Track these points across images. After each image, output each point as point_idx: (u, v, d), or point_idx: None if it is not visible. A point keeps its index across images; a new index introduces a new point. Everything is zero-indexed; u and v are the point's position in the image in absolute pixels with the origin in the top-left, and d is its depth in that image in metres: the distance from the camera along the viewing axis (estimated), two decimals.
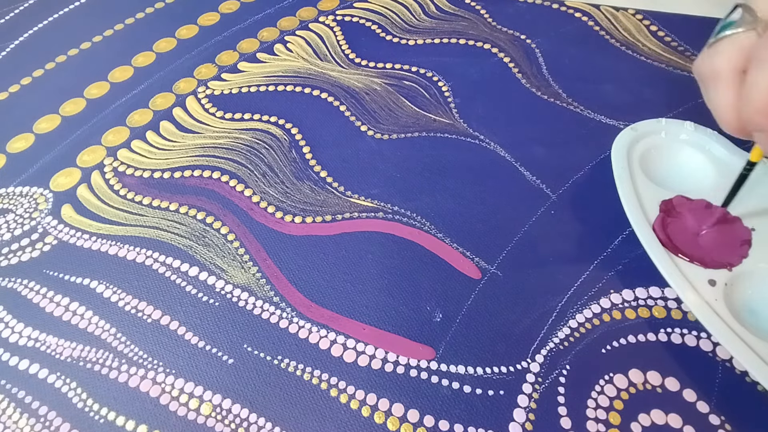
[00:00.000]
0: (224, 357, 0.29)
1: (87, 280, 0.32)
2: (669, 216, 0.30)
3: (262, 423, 0.26)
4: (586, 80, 0.40)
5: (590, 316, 0.29)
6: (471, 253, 0.32)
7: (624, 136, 0.34)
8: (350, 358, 0.28)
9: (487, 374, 0.27)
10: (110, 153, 0.39)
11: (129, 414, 0.27)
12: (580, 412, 0.26)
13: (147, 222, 0.34)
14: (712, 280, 0.28)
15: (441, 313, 0.29)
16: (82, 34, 0.48)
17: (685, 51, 0.42)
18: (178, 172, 0.37)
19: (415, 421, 0.26)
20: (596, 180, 0.34)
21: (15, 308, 0.31)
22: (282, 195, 0.35)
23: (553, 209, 0.33)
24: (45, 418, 0.27)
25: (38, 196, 0.37)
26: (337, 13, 0.48)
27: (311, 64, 0.43)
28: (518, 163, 0.36)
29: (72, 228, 0.35)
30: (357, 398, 0.27)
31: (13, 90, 0.44)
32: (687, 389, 0.26)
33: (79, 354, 0.29)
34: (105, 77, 0.44)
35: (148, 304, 0.31)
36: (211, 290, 0.31)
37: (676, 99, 0.38)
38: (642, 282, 0.30)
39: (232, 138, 0.39)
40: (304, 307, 0.30)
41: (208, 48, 0.46)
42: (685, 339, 0.28)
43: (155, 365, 0.29)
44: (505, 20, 0.46)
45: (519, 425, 0.26)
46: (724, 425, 0.25)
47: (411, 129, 0.38)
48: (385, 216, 0.34)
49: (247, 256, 0.32)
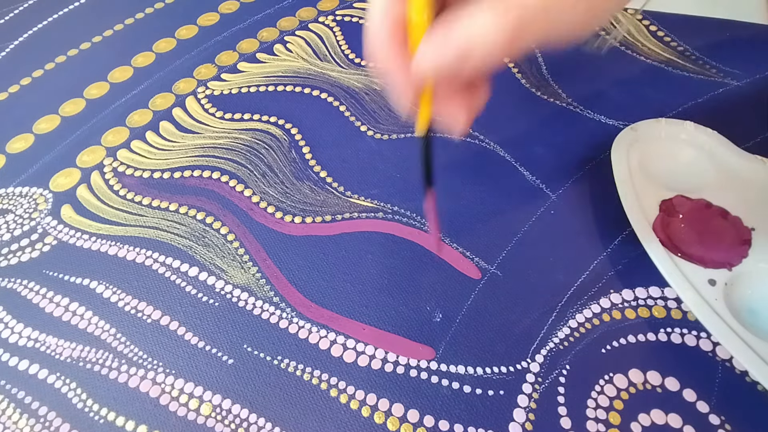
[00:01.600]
0: (224, 357, 0.29)
1: (87, 280, 0.32)
2: (669, 216, 0.30)
3: (262, 423, 0.26)
4: (586, 80, 0.40)
5: (590, 316, 0.29)
6: (471, 253, 0.32)
7: (624, 136, 0.34)
8: (350, 358, 0.28)
9: (487, 374, 0.27)
10: (110, 153, 0.39)
11: (129, 414, 0.27)
12: (580, 412, 0.26)
13: (147, 222, 0.34)
14: (712, 279, 0.28)
15: (441, 313, 0.29)
16: (82, 35, 0.48)
17: (685, 51, 0.42)
18: (178, 172, 0.37)
19: (415, 421, 0.26)
20: (596, 180, 0.34)
21: (15, 309, 0.31)
22: (282, 195, 0.35)
23: (553, 209, 0.33)
24: (45, 419, 0.27)
25: (38, 197, 0.36)
26: (336, 13, 0.48)
27: (311, 65, 0.43)
28: (518, 163, 0.36)
29: (72, 228, 0.35)
30: (357, 398, 0.27)
31: (13, 90, 0.44)
32: (687, 389, 0.26)
33: (79, 354, 0.29)
34: (105, 77, 0.44)
35: (148, 305, 0.31)
36: (211, 290, 0.31)
37: (676, 99, 0.38)
38: (642, 282, 0.30)
39: (231, 138, 0.39)
40: (304, 307, 0.30)
41: (207, 48, 0.46)
42: (685, 339, 0.28)
43: (155, 365, 0.29)
44: None
45: (519, 425, 0.25)
46: (724, 425, 0.25)
47: (411, 129, 0.38)
48: (385, 216, 0.33)
49: (247, 257, 0.32)
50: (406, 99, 0.21)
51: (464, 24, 0.18)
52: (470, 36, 0.18)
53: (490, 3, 0.18)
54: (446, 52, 0.18)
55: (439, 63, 0.19)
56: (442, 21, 0.19)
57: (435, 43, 0.19)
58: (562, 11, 0.18)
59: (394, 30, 0.20)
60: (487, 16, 0.17)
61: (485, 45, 0.18)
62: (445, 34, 0.18)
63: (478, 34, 0.18)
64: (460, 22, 0.18)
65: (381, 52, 0.20)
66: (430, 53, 0.19)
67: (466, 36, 0.18)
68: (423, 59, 0.19)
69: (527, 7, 0.17)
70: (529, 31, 0.18)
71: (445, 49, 0.18)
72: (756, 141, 0.35)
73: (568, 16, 0.18)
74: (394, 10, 0.19)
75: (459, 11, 0.18)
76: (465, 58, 0.18)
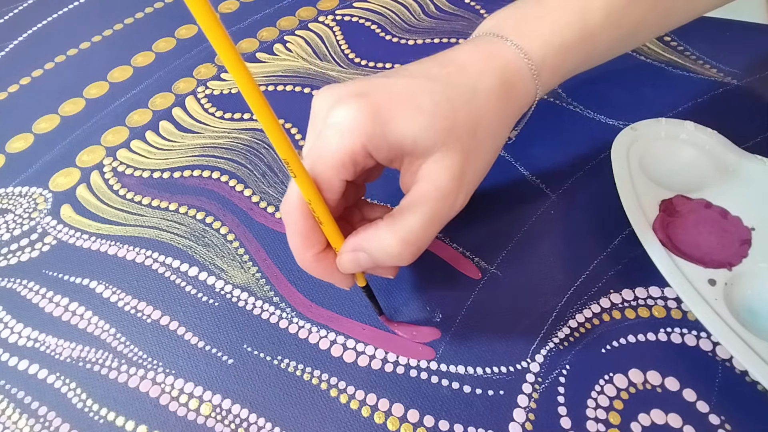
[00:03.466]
0: (224, 357, 0.29)
1: (86, 280, 0.32)
2: (669, 216, 0.30)
3: (262, 423, 0.26)
4: (586, 80, 0.40)
5: (590, 316, 0.29)
6: (471, 253, 0.32)
7: (624, 135, 0.34)
8: (350, 358, 0.28)
9: (487, 374, 0.27)
10: (110, 153, 0.39)
11: (129, 414, 0.27)
12: (580, 411, 0.26)
13: (146, 222, 0.34)
14: (712, 279, 0.28)
15: (441, 313, 0.29)
16: (82, 34, 0.48)
17: (685, 51, 0.42)
18: (178, 172, 0.37)
19: (415, 421, 0.26)
20: (596, 180, 0.34)
21: (14, 309, 0.31)
22: (282, 195, 0.35)
23: (553, 209, 0.33)
24: (44, 419, 0.27)
25: (37, 196, 0.36)
26: (336, 12, 0.48)
27: (311, 64, 0.43)
28: (518, 163, 0.36)
29: (71, 228, 0.35)
30: (357, 398, 0.27)
31: (12, 90, 0.44)
32: (687, 389, 0.26)
33: (79, 354, 0.29)
34: (104, 77, 0.44)
35: (148, 305, 0.31)
36: (211, 290, 0.31)
37: (676, 99, 0.38)
38: (642, 282, 0.30)
39: (231, 138, 0.39)
40: (304, 307, 0.30)
41: (207, 48, 0.46)
42: (684, 339, 0.28)
43: (155, 365, 0.28)
44: None
45: (519, 425, 0.25)
46: (724, 425, 0.25)
47: None
48: None
49: (247, 256, 0.32)
50: (341, 281, 0.25)
51: (371, 246, 0.22)
52: (377, 256, 0.22)
53: (388, 227, 0.22)
54: (360, 264, 0.23)
55: (355, 270, 0.24)
56: (354, 235, 0.23)
57: (347, 257, 0.23)
58: (446, 220, 0.23)
59: (309, 230, 0.23)
60: (387, 239, 0.22)
61: (389, 259, 0.22)
62: (354, 250, 0.23)
63: (384, 255, 0.22)
64: (368, 243, 0.22)
65: (304, 259, 0.24)
66: (346, 264, 0.23)
67: (374, 257, 0.22)
68: (342, 268, 0.24)
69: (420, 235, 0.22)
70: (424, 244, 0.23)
71: (358, 264, 0.23)
72: (756, 141, 0.35)
73: (453, 213, 0.23)
74: (304, 210, 0.23)
75: (363, 232, 0.23)
76: (375, 264, 0.23)
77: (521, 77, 0.24)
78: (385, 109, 0.21)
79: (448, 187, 0.22)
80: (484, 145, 0.23)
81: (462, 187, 0.22)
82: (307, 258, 0.23)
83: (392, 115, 0.21)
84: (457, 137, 0.22)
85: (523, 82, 0.24)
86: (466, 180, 0.22)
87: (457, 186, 0.22)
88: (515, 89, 0.24)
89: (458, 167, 0.22)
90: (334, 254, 0.24)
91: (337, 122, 0.21)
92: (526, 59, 0.24)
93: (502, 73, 0.24)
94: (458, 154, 0.22)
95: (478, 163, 0.23)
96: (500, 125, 0.24)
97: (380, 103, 0.21)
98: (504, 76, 0.24)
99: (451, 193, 0.22)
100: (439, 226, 0.23)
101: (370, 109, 0.21)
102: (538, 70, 0.25)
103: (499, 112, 0.24)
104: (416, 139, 0.21)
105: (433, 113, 0.21)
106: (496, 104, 0.23)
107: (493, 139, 0.24)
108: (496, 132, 0.24)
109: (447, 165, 0.22)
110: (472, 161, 0.23)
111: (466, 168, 0.22)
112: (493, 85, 0.23)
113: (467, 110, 0.22)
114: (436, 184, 0.22)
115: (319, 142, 0.21)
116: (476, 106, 0.23)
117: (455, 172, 0.22)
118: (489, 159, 0.24)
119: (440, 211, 0.22)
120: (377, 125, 0.21)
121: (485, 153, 0.24)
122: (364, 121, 0.21)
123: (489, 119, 0.23)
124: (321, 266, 0.24)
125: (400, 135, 0.21)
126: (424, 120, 0.21)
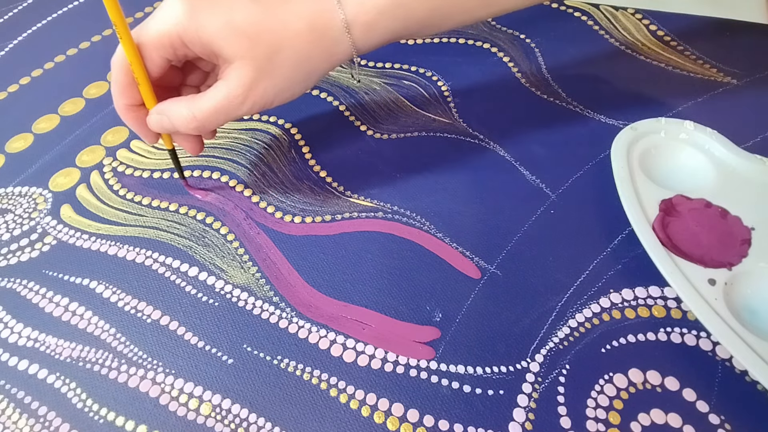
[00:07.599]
0: (224, 357, 0.29)
1: (86, 280, 0.32)
2: (669, 215, 0.30)
3: (261, 423, 0.26)
4: (586, 80, 0.40)
5: (590, 316, 0.29)
6: (471, 253, 0.32)
7: (624, 135, 0.34)
8: (350, 358, 0.28)
9: (486, 374, 0.27)
10: (109, 153, 0.39)
11: (129, 414, 0.27)
12: (579, 411, 0.26)
13: (146, 222, 0.34)
14: (712, 279, 0.28)
15: (441, 313, 0.29)
16: (81, 34, 0.48)
17: (685, 50, 0.42)
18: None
19: (415, 420, 0.26)
20: (596, 180, 0.34)
21: (14, 308, 0.31)
22: (282, 195, 0.35)
23: (553, 209, 0.33)
24: (44, 419, 0.27)
25: (37, 196, 0.36)
26: None
27: None
28: (518, 162, 0.36)
29: (71, 228, 0.35)
30: (357, 398, 0.27)
31: (12, 90, 0.44)
32: (687, 389, 0.26)
33: (79, 354, 0.29)
34: (104, 77, 0.44)
35: (148, 305, 0.31)
36: (211, 290, 0.31)
37: (675, 98, 0.38)
38: (642, 281, 0.30)
39: (231, 138, 0.39)
40: (304, 307, 0.30)
41: None
42: (684, 338, 0.28)
43: (155, 365, 0.28)
44: (504, 20, 0.46)
45: (519, 425, 0.26)
46: (723, 425, 0.25)
47: (410, 129, 0.38)
48: (385, 216, 0.33)
49: (247, 256, 0.32)
50: (146, 136, 0.31)
51: (172, 112, 0.29)
52: (173, 121, 0.29)
53: (187, 102, 0.28)
54: (163, 126, 0.29)
55: (159, 129, 0.30)
56: (164, 102, 0.29)
57: (154, 117, 0.29)
58: (287, 88, 0.29)
59: (126, 84, 0.28)
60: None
61: (181, 125, 0.29)
62: (159, 112, 0.29)
63: (177, 120, 0.29)
64: (169, 110, 0.29)
65: (118, 105, 0.29)
66: (152, 122, 0.29)
67: (171, 121, 0.29)
68: (149, 124, 0.30)
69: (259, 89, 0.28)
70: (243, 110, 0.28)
71: (161, 125, 0.29)
72: (756, 141, 0.35)
73: (238, 114, 0.28)
74: (125, 66, 0.28)
75: (170, 101, 0.29)
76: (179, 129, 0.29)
77: (332, 26, 0.28)
78: (203, 13, 0.26)
79: (236, 92, 0.27)
80: (280, 72, 0.28)
81: (248, 98, 0.27)
82: (119, 106, 0.29)
83: (207, 20, 0.26)
84: (254, 56, 0.27)
85: (333, 31, 0.28)
86: (253, 93, 0.27)
87: (243, 94, 0.27)
88: (325, 36, 0.28)
89: (248, 79, 0.27)
90: (146, 112, 0.30)
91: (163, 10, 0.27)
92: (340, 11, 0.28)
93: (315, 18, 0.28)
94: (252, 70, 0.27)
95: (270, 85, 0.28)
96: (303, 62, 0.28)
97: (202, 7, 0.26)
98: (316, 21, 0.28)
99: (237, 97, 0.27)
100: (224, 117, 0.28)
101: (189, 8, 0.26)
102: (350, 25, 0.28)
103: (303, 51, 0.28)
104: (221, 46, 0.26)
105: (239, 30, 0.26)
106: (300, 43, 0.28)
107: (291, 70, 0.28)
108: (297, 66, 0.28)
109: (240, 75, 0.27)
110: (262, 80, 0.27)
111: (256, 84, 0.27)
112: (302, 27, 0.28)
113: (271, 37, 0.27)
114: (228, 85, 0.27)
115: (148, 21, 0.27)
116: (280, 36, 0.27)
117: (245, 82, 0.27)
118: (286, 87, 0.29)
119: (225, 107, 0.28)
120: (191, 23, 0.26)
121: (281, 80, 0.28)
122: (182, 17, 0.26)
123: (291, 52, 0.28)
124: (131, 117, 0.30)
125: (209, 38, 0.26)
126: (230, 32, 0.26)
